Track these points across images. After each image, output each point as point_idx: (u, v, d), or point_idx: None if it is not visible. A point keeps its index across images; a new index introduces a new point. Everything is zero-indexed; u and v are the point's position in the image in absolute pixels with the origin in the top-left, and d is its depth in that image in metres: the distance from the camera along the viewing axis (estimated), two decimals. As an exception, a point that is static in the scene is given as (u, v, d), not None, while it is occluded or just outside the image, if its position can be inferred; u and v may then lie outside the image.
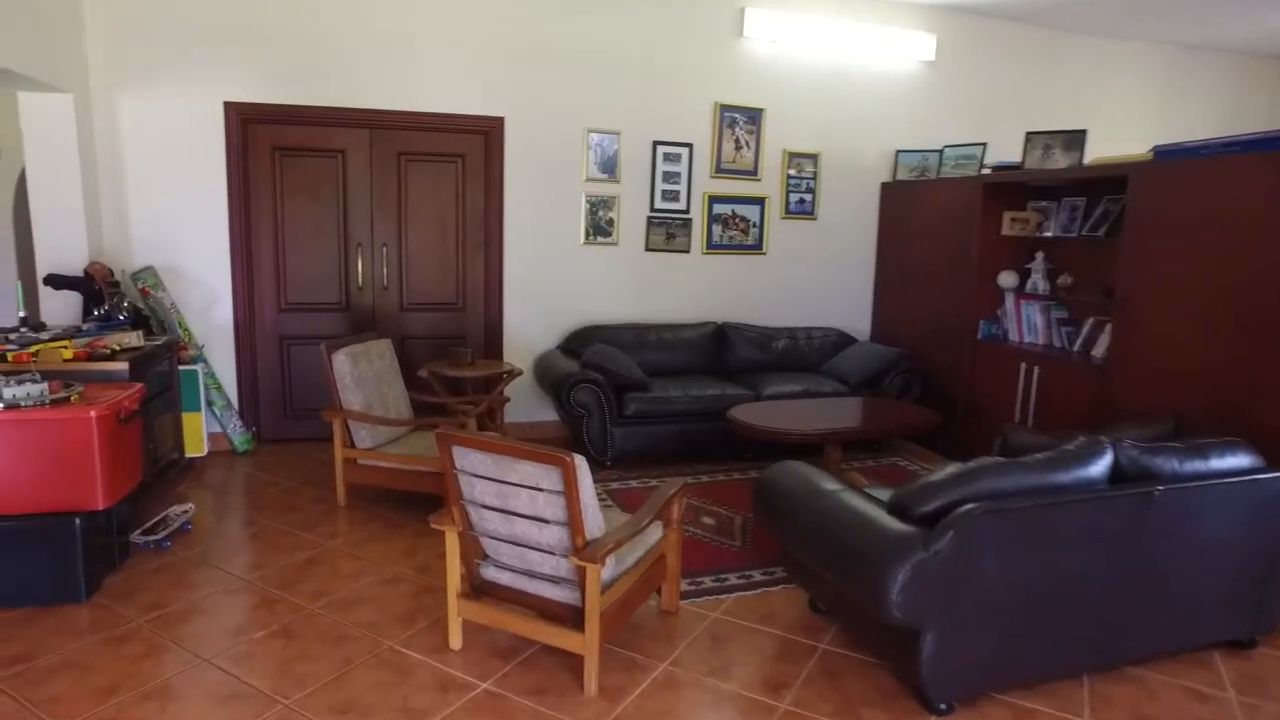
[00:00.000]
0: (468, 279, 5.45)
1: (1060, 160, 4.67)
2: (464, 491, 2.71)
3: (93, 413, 3.09)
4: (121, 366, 3.60)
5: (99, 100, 4.64)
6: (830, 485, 2.92)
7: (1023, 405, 4.82)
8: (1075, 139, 4.60)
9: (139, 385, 3.45)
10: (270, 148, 5.00)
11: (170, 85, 4.72)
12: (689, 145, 5.65)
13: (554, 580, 2.70)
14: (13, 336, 3.77)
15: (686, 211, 5.74)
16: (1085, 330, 4.63)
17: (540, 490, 2.53)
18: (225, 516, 4.09)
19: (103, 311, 4.29)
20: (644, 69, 5.49)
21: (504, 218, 5.38)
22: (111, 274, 4.42)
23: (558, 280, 5.56)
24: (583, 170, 5.47)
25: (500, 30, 5.17)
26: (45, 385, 3.14)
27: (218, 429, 4.99)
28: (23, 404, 3.08)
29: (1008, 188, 5.09)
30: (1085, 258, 4.80)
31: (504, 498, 2.62)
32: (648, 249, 5.72)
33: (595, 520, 2.60)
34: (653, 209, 5.67)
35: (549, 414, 5.63)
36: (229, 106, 4.80)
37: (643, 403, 4.96)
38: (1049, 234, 4.94)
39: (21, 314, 3.97)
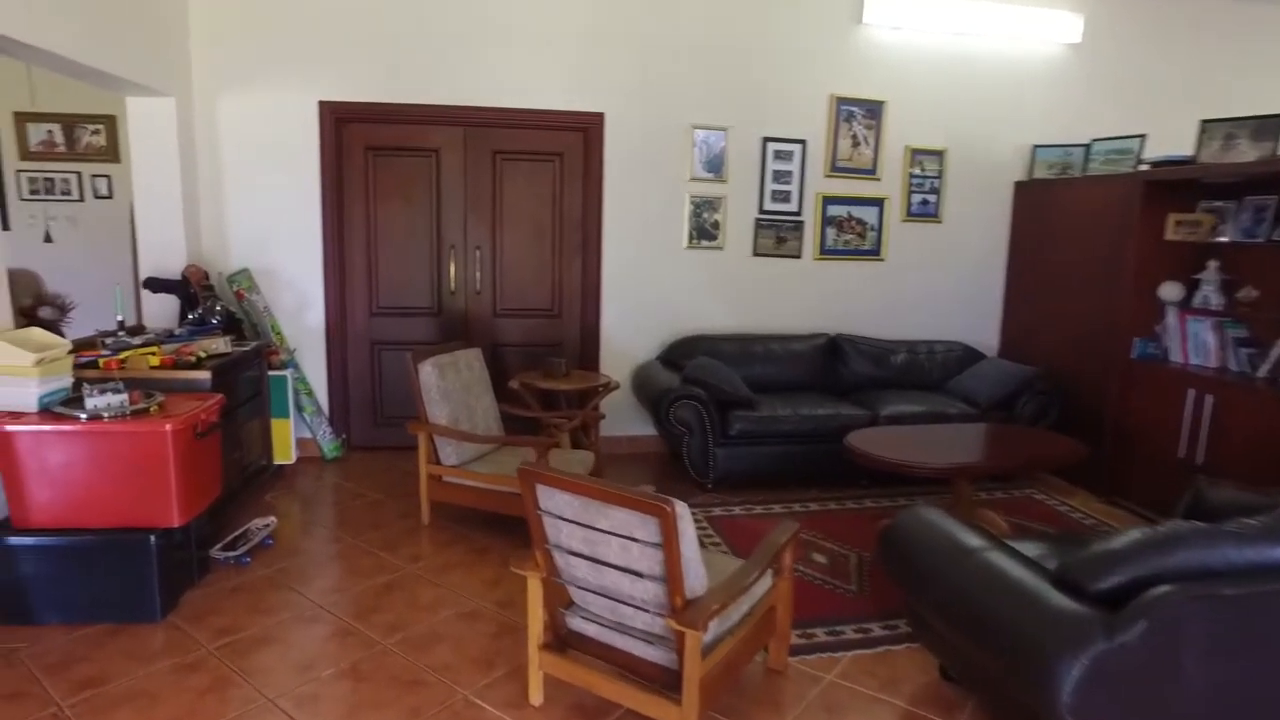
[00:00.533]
0: (564, 284, 5.19)
1: (1247, 152, 4.00)
2: (549, 534, 2.40)
3: (168, 426, 2.95)
4: (204, 375, 3.48)
5: (200, 103, 4.60)
6: (974, 540, 2.46)
7: (1190, 438, 4.17)
8: (1268, 126, 3.92)
9: (219, 396, 3.31)
10: (364, 147, 4.87)
11: (267, 86, 4.64)
12: (802, 141, 5.21)
13: (648, 639, 2.36)
14: (108, 341, 3.72)
15: (798, 213, 5.30)
16: (1276, 353, 3.94)
17: (635, 540, 2.19)
18: (308, 531, 3.93)
19: (196, 315, 4.23)
20: (754, 60, 5.08)
21: (603, 219, 5.08)
22: (206, 277, 4.36)
23: (658, 286, 5.22)
24: (687, 169, 5.11)
25: (601, 21, 4.87)
26: (126, 396, 3.02)
27: (308, 435, 4.89)
28: (105, 416, 2.96)
29: (1173, 186, 4.43)
30: (1276, 267, 4.10)
31: (593, 545, 2.29)
32: (755, 254, 5.30)
33: (697, 576, 2.24)
34: (761, 211, 5.26)
35: (648, 428, 5.30)
36: (323, 106, 4.69)
37: (748, 422, 4.56)
38: (1225, 239, 4.26)
39: (119, 318, 3.93)
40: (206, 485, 3.23)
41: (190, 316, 4.24)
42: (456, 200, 5.01)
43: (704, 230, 5.21)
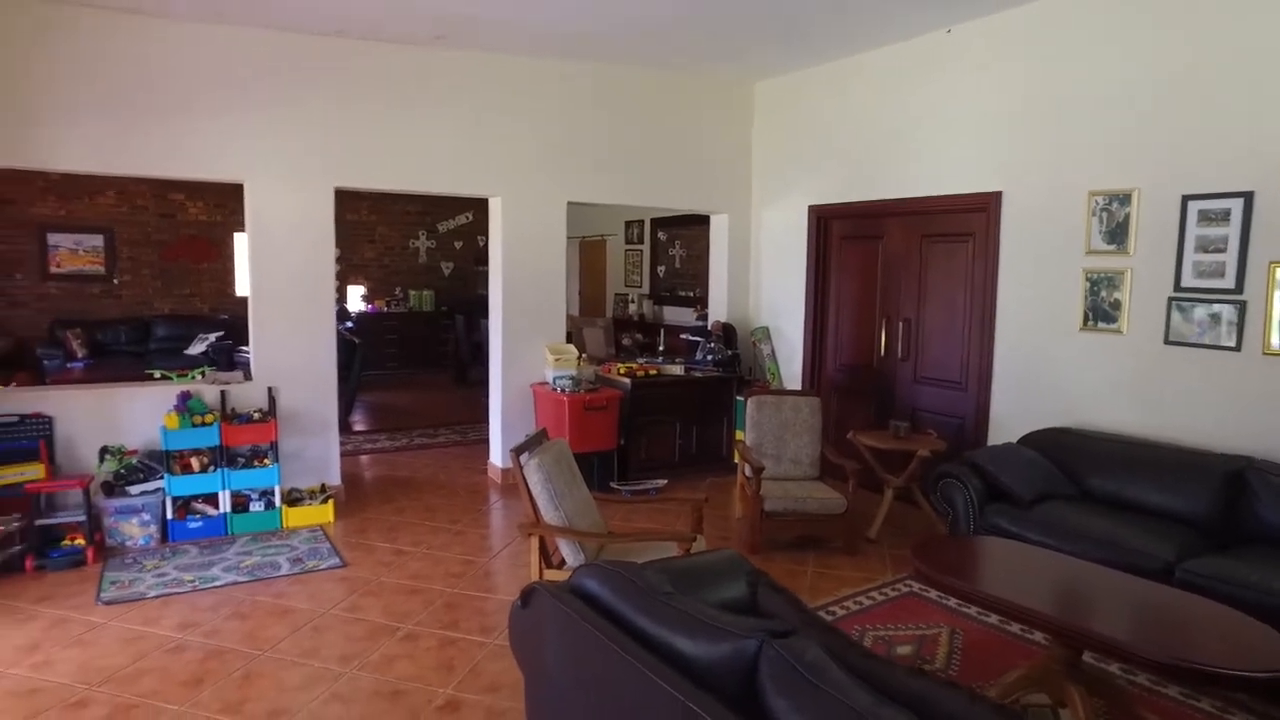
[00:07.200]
0: (970, 359, 5.28)
1: None
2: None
3: (566, 399, 5.55)
4: (626, 382, 5.89)
5: (752, 215, 6.87)
6: None
7: None
8: None
9: (614, 393, 5.69)
10: (839, 237, 6.20)
11: (781, 200, 6.56)
12: (1244, 195, 3.86)
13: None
14: (639, 359, 6.51)
15: (1237, 290, 3.92)
16: None
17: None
18: (673, 503, 5.78)
19: (705, 351, 6.57)
20: (1173, 100, 4.12)
21: (997, 297, 5.01)
22: (721, 329, 6.62)
23: (1046, 369, 4.75)
24: (1084, 241, 4.52)
25: (997, 98, 4.93)
26: (574, 381, 5.75)
27: (779, 451, 6.55)
28: (566, 389, 5.76)
29: None
30: None
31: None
32: (1168, 341, 4.19)
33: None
34: (1178, 288, 4.13)
35: (1026, 521, 4.86)
36: (811, 209, 6.28)
37: (1006, 519, 4.07)
38: None
39: (661, 347, 6.66)
40: (596, 438, 5.68)
41: (698, 353, 6.62)
42: (893, 278, 5.78)
43: (1101, 310, 4.45)
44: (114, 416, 4.97)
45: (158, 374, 5.48)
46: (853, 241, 6.15)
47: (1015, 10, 4.81)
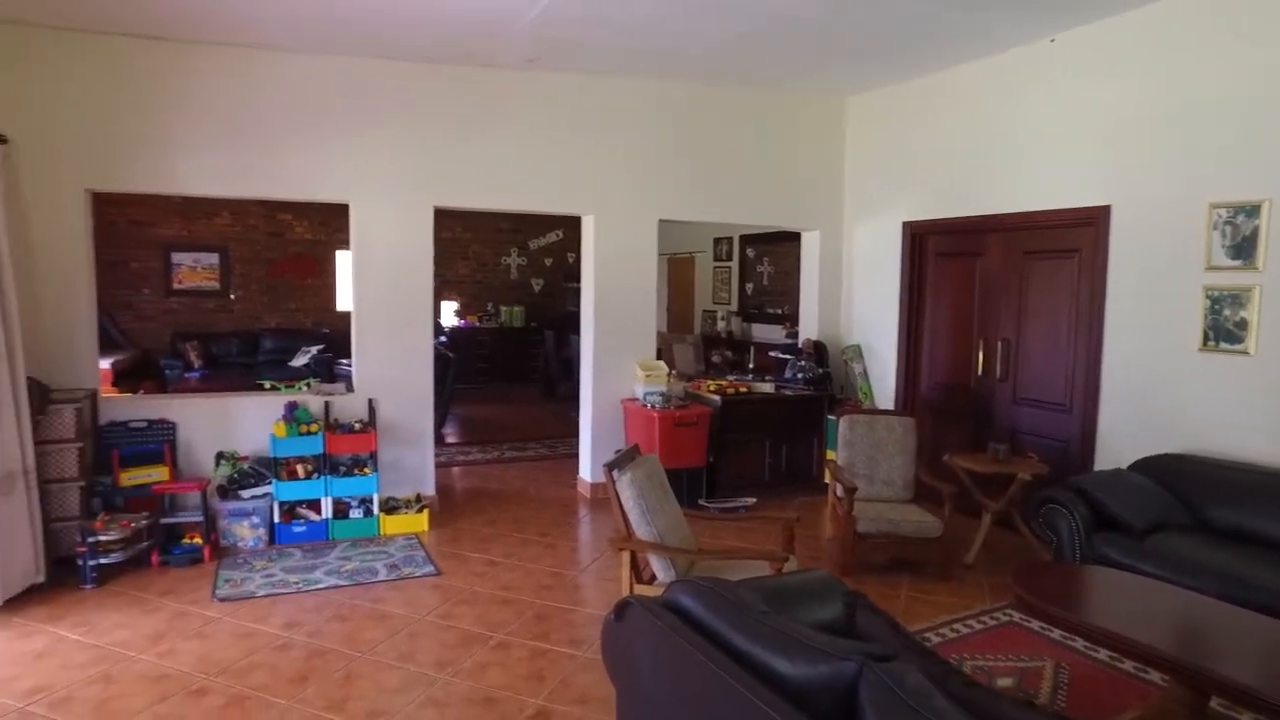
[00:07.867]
0: (1075, 380, 5.03)
1: None
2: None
3: (656, 415, 5.58)
4: (716, 399, 5.86)
5: (844, 232, 6.77)
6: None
7: None
8: None
9: (704, 410, 5.68)
10: (935, 254, 6.03)
11: (876, 215, 6.44)
12: (1389, 208, 3.58)
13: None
14: (729, 376, 6.48)
15: (1381, 310, 3.62)
16: None
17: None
18: (753, 522, 5.71)
19: (794, 369, 6.48)
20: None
21: (1105, 315, 4.77)
22: (812, 348, 6.53)
23: (1159, 391, 4.48)
24: (1203, 256, 4.26)
25: (1105, 108, 4.72)
26: (664, 397, 5.77)
27: (870, 471, 6.39)
28: (656, 405, 5.79)
29: None
30: None
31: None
32: (1304, 363, 3.91)
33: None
34: (1314, 306, 3.85)
35: (1138, 552, 4.59)
36: (906, 225, 6.14)
37: (1117, 550, 3.85)
38: None
39: (751, 366, 6.62)
40: (685, 454, 5.67)
41: (788, 371, 6.53)
42: (990, 295, 5.58)
43: (1224, 330, 4.18)
44: (228, 424, 5.27)
45: (268, 384, 5.79)
46: (949, 258, 5.97)
47: (1125, 15, 4.61)
